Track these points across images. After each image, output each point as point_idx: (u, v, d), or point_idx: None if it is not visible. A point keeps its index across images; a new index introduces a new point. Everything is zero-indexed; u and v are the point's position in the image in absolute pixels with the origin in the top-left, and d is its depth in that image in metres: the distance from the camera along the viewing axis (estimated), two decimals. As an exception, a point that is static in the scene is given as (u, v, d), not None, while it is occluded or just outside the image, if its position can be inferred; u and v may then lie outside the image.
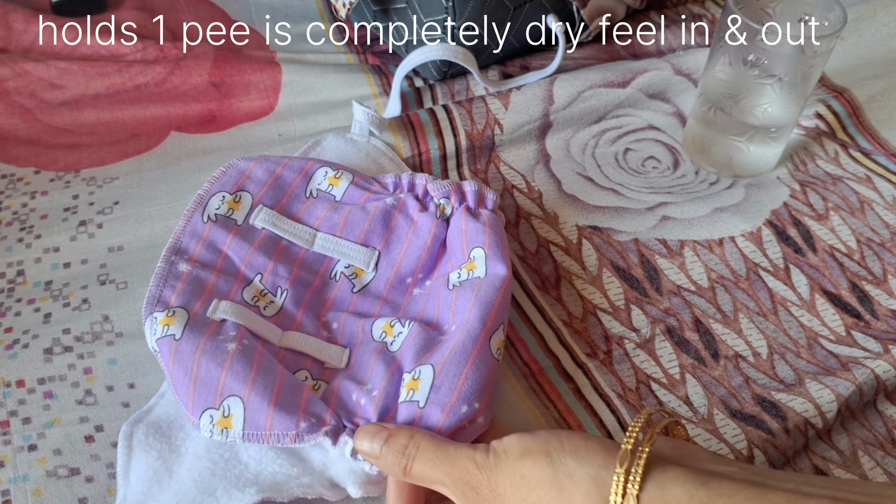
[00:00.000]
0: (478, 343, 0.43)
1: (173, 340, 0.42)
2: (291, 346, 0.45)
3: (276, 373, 0.42)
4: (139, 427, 0.42)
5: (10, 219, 0.54)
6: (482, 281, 0.47)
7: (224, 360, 0.41)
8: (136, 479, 0.40)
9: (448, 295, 0.47)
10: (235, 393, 0.40)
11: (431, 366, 0.42)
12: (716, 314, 0.52)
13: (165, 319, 0.43)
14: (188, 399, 0.41)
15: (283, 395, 0.41)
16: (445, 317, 0.47)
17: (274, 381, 0.41)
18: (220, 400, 0.40)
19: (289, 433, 0.40)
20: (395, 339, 0.46)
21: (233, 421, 0.40)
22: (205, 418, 0.40)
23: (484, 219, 0.50)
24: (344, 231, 0.50)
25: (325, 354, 0.46)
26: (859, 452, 0.47)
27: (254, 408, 0.40)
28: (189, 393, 0.41)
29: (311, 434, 0.40)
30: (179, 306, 0.44)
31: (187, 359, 0.41)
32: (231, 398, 0.40)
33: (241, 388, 0.41)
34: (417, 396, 0.42)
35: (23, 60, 0.62)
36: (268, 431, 0.40)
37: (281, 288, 0.48)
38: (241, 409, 0.40)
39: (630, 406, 0.47)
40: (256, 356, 0.42)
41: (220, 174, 0.50)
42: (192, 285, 0.45)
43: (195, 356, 0.41)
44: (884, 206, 0.60)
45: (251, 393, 0.40)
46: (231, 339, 0.43)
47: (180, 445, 0.41)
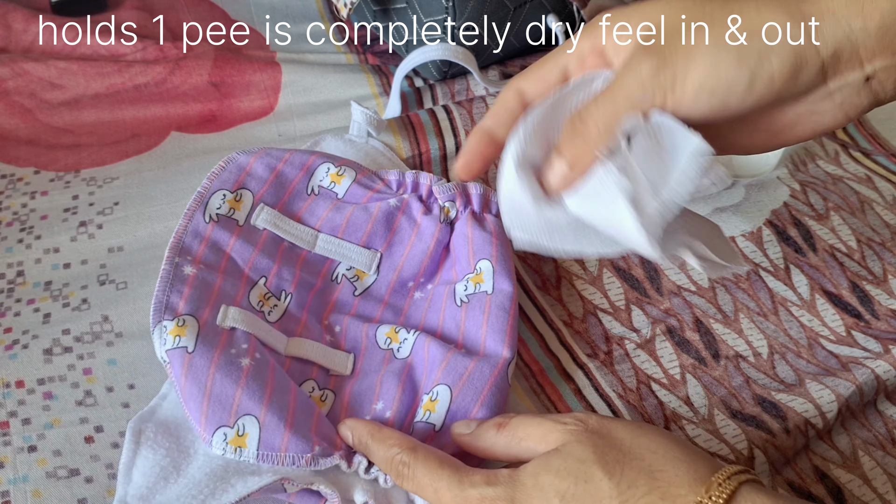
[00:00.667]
0: (496, 370, 0.44)
1: (186, 353, 0.41)
2: (297, 354, 0.45)
3: (290, 391, 0.42)
4: (149, 425, 0.42)
5: (10, 219, 0.54)
6: (490, 299, 0.47)
7: (239, 377, 0.41)
8: (140, 475, 0.40)
9: (456, 311, 0.48)
10: (251, 412, 0.40)
11: (448, 387, 0.43)
12: (716, 314, 0.52)
13: (176, 329, 0.42)
14: (201, 415, 0.40)
15: (297, 417, 0.40)
16: (452, 331, 0.47)
17: (288, 402, 0.41)
18: (235, 418, 0.40)
19: (304, 456, 0.40)
20: (401, 346, 0.46)
21: (247, 440, 0.40)
22: (218, 435, 0.40)
23: (490, 227, 0.50)
24: (346, 232, 0.50)
25: (331, 361, 0.46)
26: (859, 452, 0.47)
27: (270, 429, 0.40)
28: (202, 409, 0.40)
29: (326, 458, 0.40)
30: (189, 314, 0.43)
31: (201, 374, 0.41)
32: (246, 417, 0.40)
33: (256, 407, 0.40)
34: (433, 419, 0.42)
35: (23, 60, 0.62)
36: (283, 453, 0.39)
37: (285, 291, 0.47)
38: (256, 429, 0.40)
39: (630, 406, 0.47)
40: (270, 373, 0.42)
41: (220, 170, 0.49)
42: (199, 290, 0.44)
43: (209, 372, 0.41)
44: (884, 206, 0.60)
45: (267, 413, 0.40)
46: (244, 353, 0.42)
47: (189, 446, 0.41)
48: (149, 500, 0.39)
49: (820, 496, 0.45)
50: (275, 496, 0.40)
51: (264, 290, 0.47)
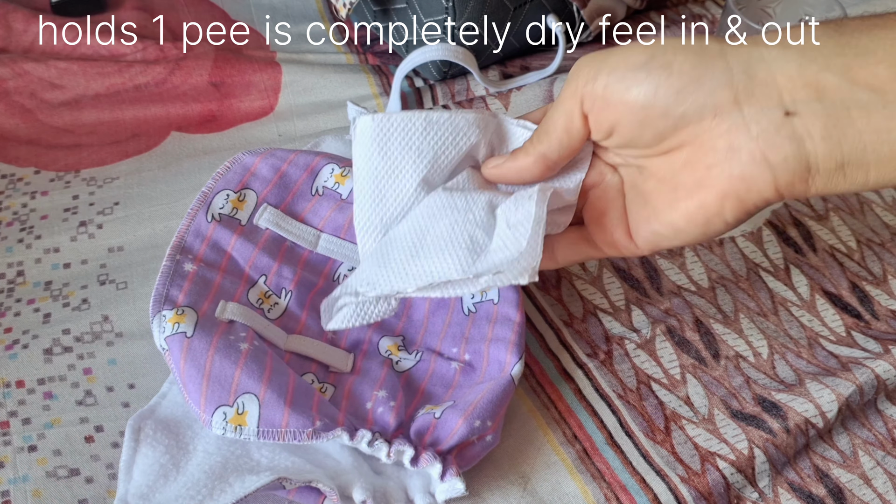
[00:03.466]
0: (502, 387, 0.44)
1: (185, 338, 0.42)
2: (297, 349, 0.45)
3: (288, 374, 0.42)
4: (147, 422, 0.42)
5: (10, 219, 0.54)
6: (497, 309, 0.47)
7: (238, 358, 0.41)
8: (140, 474, 0.40)
9: (463, 319, 0.48)
10: (250, 390, 0.40)
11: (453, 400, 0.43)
12: (716, 314, 0.52)
13: (175, 317, 0.42)
14: (200, 396, 0.40)
15: (297, 396, 0.41)
16: (456, 339, 0.48)
17: (287, 382, 0.41)
18: (235, 397, 0.40)
19: (305, 430, 0.40)
20: (400, 360, 0.47)
21: (247, 418, 0.40)
22: (217, 415, 0.40)
23: None
24: (348, 233, 0.50)
25: (331, 358, 0.46)
26: (859, 452, 0.47)
27: (270, 405, 0.40)
28: (201, 390, 0.40)
29: (328, 431, 0.40)
30: (188, 305, 0.43)
31: (200, 356, 0.41)
32: (246, 395, 0.40)
33: (256, 385, 0.40)
34: (434, 411, 0.42)
35: (23, 60, 0.62)
36: (284, 429, 0.39)
37: (285, 290, 0.47)
38: (256, 406, 0.40)
39: (630, 406, 0.47)
40: (268, 359, 0.42)
41: (225, 170, 0.49)
42: (199, 285, 0.45)
43: (208, 353, 0.41)
44: (883, 207, 0.60)
45: (267, 390, 0.40)
46: (242, 340, 0.42)
47: (188, 443, 0.41)
48: (149, 498, 0.39)
49: (820, 496, 0.45)
50: (273, 493, 0.40)
51: (264, 288, 0.47)
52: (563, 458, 0.45)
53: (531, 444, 0.46)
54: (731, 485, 0.45)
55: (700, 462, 0.45)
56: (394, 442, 0.41)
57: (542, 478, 0.44)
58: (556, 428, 0.46)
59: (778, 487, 0.45)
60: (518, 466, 0.45)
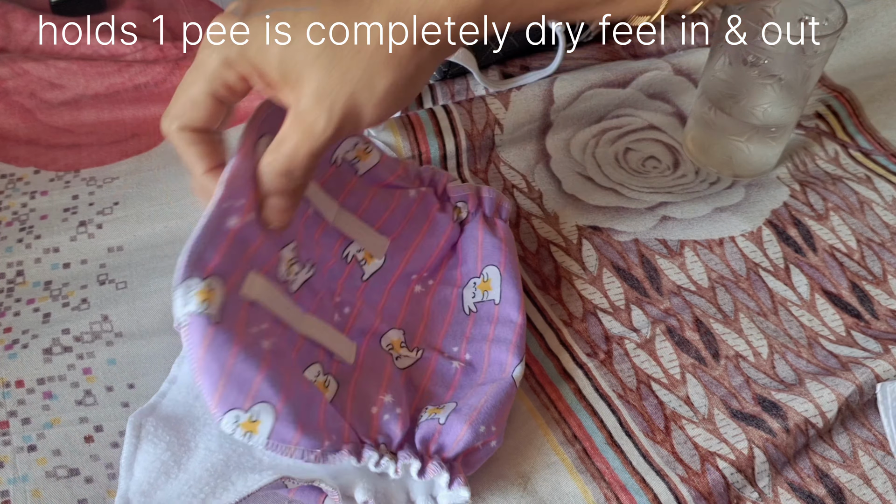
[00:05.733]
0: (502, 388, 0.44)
1: (209, 324, 0.38)
2: (310, 333, 0.44)
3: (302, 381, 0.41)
4: (149, 419, 0.42)
5: (9, 219, 0.54)
6: (498, 310, 0.47)
7: (259, 361, 0.39)
8: (141, 471, 0.40)
9: (464, 318, 0.48)
10: (268, 400, 0.39)
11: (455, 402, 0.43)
12: (716, 314, 0.52)
13: (205, 293, 0.38)
14: (215, 391, 0.38)
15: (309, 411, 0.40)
16: (457, 337, 0.48)
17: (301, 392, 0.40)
18: (251, 404, 0.38)
19: (314, 451, 0.39)
20: (400, 356, 0.46)
21: (259, 427, 0.38)
22: (230, 416, 0.38)
23: (500, 233, 0.50)
24: (365, 214, 0.49)
25: (337, 347, 0.45)
26: (859, 452, 0.47)
27: (284, 421, 0.39)
28: (217, 387, 0.38)
29: (335, 454, 0.39)
30: (218, 274, 0.39)
31: (223, 351, 0.38)
32: (262, 405, 0.39)
33: (274, 396, 0.39)
34: (438, 416, 0.42)
35: (22, 60, 0.62)
36: (293, 446, 0.39)
37: (311, 261, 0.46)
38: (271, 419, 0.38)
39: (630, 406, 0.47)
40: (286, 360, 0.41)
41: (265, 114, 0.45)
42: (236, 248, 0.40)
43: (231, 350, 0.38)
44: (883, 207, 0.60)
45: (284, 405, 0.39)
46: (263, 334, 0.40)
47: (190, 440, 0.41)
48: (150, 495, 0.39)
49: (820, 496, 0.45)
50: (275, 492, 0.40)
51: (291, 255, 0.44)
52: (563, 458, 0.45)
53: (531, 444, 0.46)
54: (731, 485, 0.45)
55: (700, 462, 0.45)
56: (399, 455, 0.40)
57: (542, 478, 0.44)
58: (556, 428, 0.46)
59: (778, 487, 0.45)
60: (518, 466, 0.45)
